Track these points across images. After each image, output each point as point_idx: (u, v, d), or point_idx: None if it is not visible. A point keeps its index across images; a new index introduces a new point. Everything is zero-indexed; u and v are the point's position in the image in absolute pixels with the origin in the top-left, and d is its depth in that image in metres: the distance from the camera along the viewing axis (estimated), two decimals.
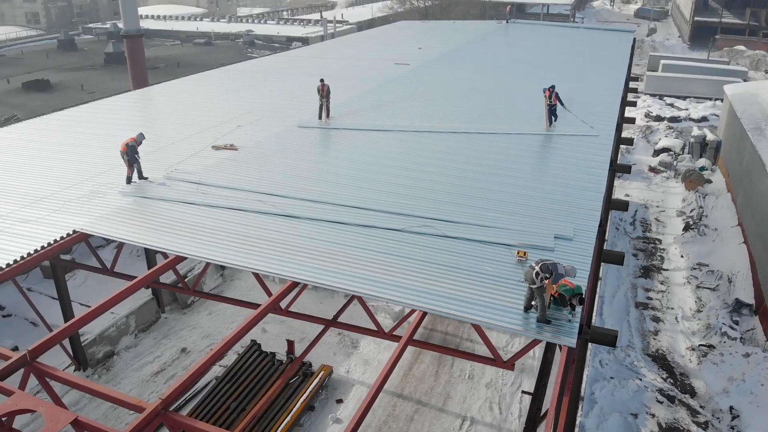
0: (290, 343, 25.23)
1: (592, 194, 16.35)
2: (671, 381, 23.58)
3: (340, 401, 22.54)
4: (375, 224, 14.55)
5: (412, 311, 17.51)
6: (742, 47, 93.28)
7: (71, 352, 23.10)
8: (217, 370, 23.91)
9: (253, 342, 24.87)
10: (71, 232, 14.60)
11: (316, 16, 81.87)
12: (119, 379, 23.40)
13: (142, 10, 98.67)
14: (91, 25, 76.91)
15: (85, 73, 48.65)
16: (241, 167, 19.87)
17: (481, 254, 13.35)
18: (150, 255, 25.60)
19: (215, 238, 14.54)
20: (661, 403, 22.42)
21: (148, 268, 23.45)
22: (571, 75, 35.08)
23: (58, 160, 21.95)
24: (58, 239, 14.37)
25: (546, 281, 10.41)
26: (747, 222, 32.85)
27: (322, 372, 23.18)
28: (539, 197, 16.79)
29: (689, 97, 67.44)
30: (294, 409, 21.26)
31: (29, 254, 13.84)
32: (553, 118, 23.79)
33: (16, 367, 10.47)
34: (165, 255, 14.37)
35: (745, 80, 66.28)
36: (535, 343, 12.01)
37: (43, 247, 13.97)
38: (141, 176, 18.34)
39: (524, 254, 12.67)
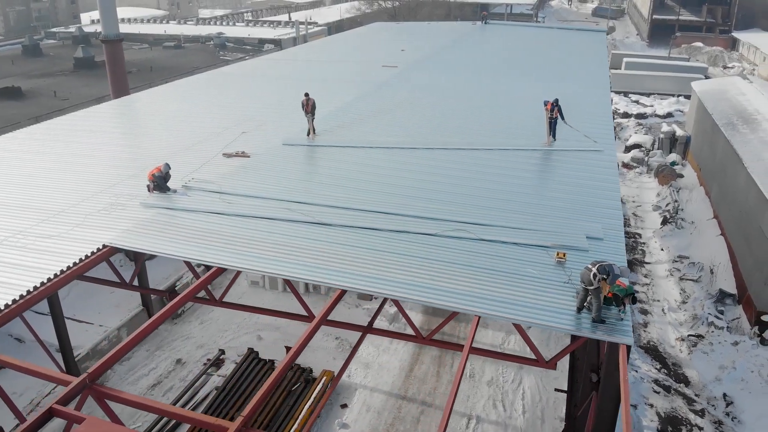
0: (288, 350, 25.03)
1: (610, 195, 16.81)
2: (665, 371, 24.23)
3: (344, 406, 22.45)
4: (407, 229, 14.61)
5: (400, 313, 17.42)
6: (699, 44, 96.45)
7: (64, 368, 22.42)
8: (216, 381, 23.55)
9: (250, 350, 24.57)
10: (101, 247, 14.14)
11: (283, 17, 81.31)
12: None
13: (98, 14, 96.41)
14: (54, 30, 74.79)
15: (55, 79, 47.29)
16: (258, 175, 19.56)
17: (519, 256, 13.54)
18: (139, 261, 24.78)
19: (251, 248, 14.34)
20: (658, 393, 23.02)
21: (138, 278, 22.88)
22: (558, 76, 35.65)
23: (65, 171, 21.06)
24: (89, 254, 13.86)
25: (602, 282, 10.68)
26: (723, 214, 33.95)
27: (325, 378, 23.04)
28: (559, 201, 16.95)
29: (653, 93, 69.33)
30: (301, 416, 21.09)
31: (62, 271, 13.31)
32: (553, 136, 22.79)
33: (77, 391, 10.28)
34: (191, 266, 14.08)
35: (706, 76, 68.48)
36: (579, 342, 12.21)
37: (75, 264, 13.47)
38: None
39: (563, 255, 12.89)
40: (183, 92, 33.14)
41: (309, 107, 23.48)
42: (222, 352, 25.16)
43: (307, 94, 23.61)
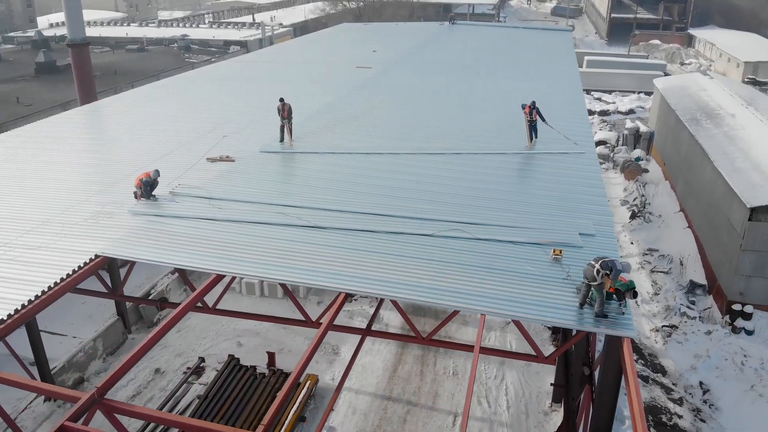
0: (271, 355, 24.80)
1: (596, 193, 17.21)
2: (642, 362, 24.78)
3: (331, 410, 22.31)
4: (404, 231, 14.61)
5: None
6: (657, 41, 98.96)
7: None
8: (197, 389, 23.19)
9: (231, 357, 24.24)
10: (93, 257, 13.64)
11: (247, 18, 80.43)
12: None
13: (55, 17, 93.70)
14: (12, 34, 72.31)
15: (17, 85, 45.72)
16: (246, 179, 19.22)
17: (516, 255, 13.68)
18: (113, 271, 24.14)
19: (249, 253, 14.13)
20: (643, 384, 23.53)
21: (112, 285, 22.26)
22: (531, 76, 35.90)
23: (43, 180, 20.18)
24: (81, 265, 13.31)
25: (605, 278, 10.90)
26: (690, 208, 34.90)
27: (309, 381, 22.91)
28: (548, 199, 17.09)
29: (615, 91, 70.86)
30: (287, 421, 20.92)
31: (56, 283, 12.80)
32: (534, 135, 22.71)
33: (87, 406, 10.03)
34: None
35: (666, 73, 70.30)
36: (578, 336, 12.42)
37: (68, 275, 12.95)
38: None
39: (560, 252, 13.09)
40: (156, 96, 32.37)
41: (285, 113, 22.63)
42: (202, 359, 24.78)
43: (282, 99, 22.72)
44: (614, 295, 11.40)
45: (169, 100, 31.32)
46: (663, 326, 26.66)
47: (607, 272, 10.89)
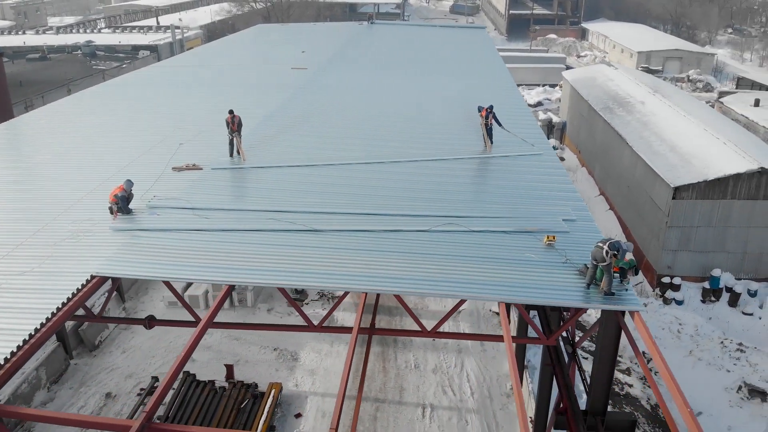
0: (229, 368, 24.23)
1: (564, 184, 17.96)
2: (588, 338, 26.29)
3: (299, 415, 22.15)
4: (400, 228, 14.78)
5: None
6: (554, 36, 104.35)
7: None
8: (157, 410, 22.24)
9: (187, 373, 23.42)
10: (89, 278, 12.68)
11: (150, 22, 77.15)
12: None
13: None
14: None
15: None
16: (221, 186, 18.62)
17: (511, 244, 14.19)
18: None
19: (252, 262, 13.84)
20: (586, 359, 24.92)
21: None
22: (464, 74, 36.29)
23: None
24: (80, 288, 12.33)
25: (613, 258, 11.61)
26: (610, 191, 37.26)
27: (274, 390, 22.58)
28: (522, 194, 17.57)
29: (521, 84, 74.04)
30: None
31: (58, 309, 11.83)
32: (490, 139, 22.44)
33: None
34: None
35: (567, 66, 74.30)
36: (579, 314, 13.22)
37: (69, 299, 11.96)
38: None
39: (553, 238, 13.73)
40: (87, 107, 29.67)
41: (235, 125, 21.04)
42: (156, 379, 23.76)
43: (231, 111, 21.09)
44: (618, 274, 12.22)
45: (103, 112, 29.09)
46: None
47: (615, 252, 11.67)
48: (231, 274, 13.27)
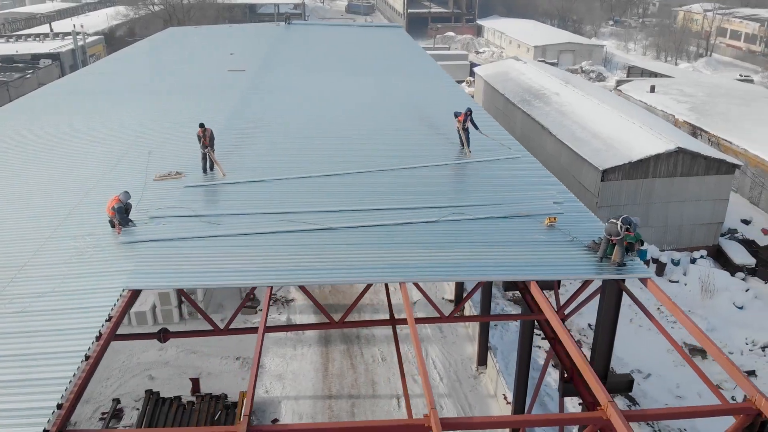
0: (195, 381, 23.71)
1: (544, 176, 18.96)
2: None
3: (275, 421, 22.08)
4: (410, 220, 15.19)
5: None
6: (452, 33, 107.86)
7: None
8: None
9: (149, 392, 22.65)
10: (123, 293, 12.08)
11: (43, 29, 71.92)
12: None
13: None
14: None
15: None
16: (215, 192, 18.26)
17: (517, 228, 15.02)
18: None
19: (282, 262, 13.97)
20: (539, 335, 26.47)
21: None
22: (407, 74, 36.13)
23: None
24: (116, 303, 11.77)
25: (627, 233, 12.68)
26: None
27: (246, 399, 22.30)
28: (508, 186, 18.16)
29: None
30: None
31: (103, 326, 11.35)
32: (467, 143, 21.77)
33: None
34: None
35: (472, 63, 77.20)
36: (584, 289, 14.32)
37: (110, 317, 11.46)
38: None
39: (554, 219, 14.71)
40: (27, 120, 27.23)
41: (207, 139, 19.60)
42: (117, 401, 22.86)
43: (202, 125, 19.65)
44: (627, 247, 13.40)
45: (48, 123, 26.57)
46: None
47: (628, 226, 12.80)
48: (266, 275, 13.45)
